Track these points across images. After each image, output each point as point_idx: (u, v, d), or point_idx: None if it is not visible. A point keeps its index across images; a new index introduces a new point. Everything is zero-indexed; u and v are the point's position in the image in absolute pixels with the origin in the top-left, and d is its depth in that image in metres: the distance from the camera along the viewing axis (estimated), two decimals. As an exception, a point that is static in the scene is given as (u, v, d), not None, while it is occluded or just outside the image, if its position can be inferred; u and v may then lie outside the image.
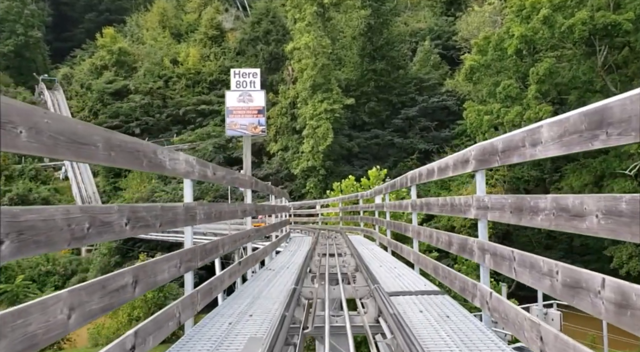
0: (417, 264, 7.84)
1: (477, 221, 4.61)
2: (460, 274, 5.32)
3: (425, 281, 7.12)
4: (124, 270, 3.11)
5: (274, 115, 54.03)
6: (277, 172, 52.38)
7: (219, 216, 5.71)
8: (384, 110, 53.37)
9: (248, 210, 7.66)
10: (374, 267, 8.16)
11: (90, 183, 59.55)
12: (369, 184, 28.41)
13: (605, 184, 35.82)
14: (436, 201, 6.26)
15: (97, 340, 31.64)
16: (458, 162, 5.07)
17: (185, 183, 4.61)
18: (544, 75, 32.63)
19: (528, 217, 3.38)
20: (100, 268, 45.10)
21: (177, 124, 63.01)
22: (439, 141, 50.47)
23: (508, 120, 34.67)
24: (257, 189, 8.91)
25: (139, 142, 3.38)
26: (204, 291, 4.84)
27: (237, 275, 6.61)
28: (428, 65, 57.04)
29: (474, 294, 4.70)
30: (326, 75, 47.24)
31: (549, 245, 40.00)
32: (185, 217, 4.32)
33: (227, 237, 6.28)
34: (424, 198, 7.17)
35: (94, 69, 69.75)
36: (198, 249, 4.69)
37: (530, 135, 3.32)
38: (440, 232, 6.24)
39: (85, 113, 65.69)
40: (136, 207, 3.25)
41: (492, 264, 4.19)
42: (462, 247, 5.07)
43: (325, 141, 46.18)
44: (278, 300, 5.68)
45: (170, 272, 3.88)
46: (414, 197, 7.81)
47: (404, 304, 5.42)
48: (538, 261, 3.22)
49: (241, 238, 7.20)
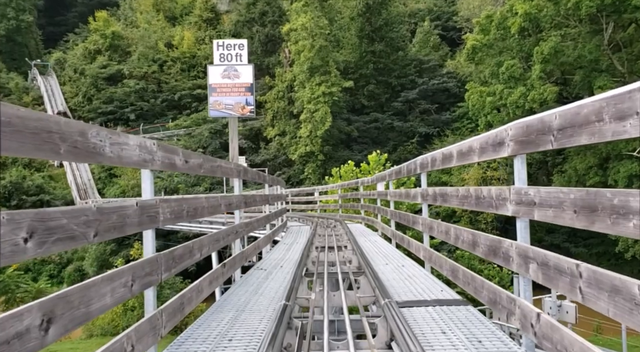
0: (428, 262, 6.81)
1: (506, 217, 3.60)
2: (489, 283, 4.30)
3: (441, 285, 6.09)
4: (25, 307, 2.12)
5: (271, 99, 53.04)
6: (274, 158, 51.47)
7: (194, 213, 4.66)
8: (384, 93, 52.34)
9: (235, 203, 6.58)
10: (380, 267, 7.17)
11: (86, 170, 58.53)
12: (369, 169, 27.52)
13: (611, 166, 34.93)
14: (455, 192, 5.21)
15: (91, 331, 31.05)
16: (488, 144, 4.06)
17: (143, 175, 3.61)
18: (549, 55, 31.50)
19: (608, 220, 2.38)
20: (95, 257, 44.55)
21: (173, 109, 62.02)
22: (439, 124, 49.47)
23: (511, 102, 33.66)
24: (247, 178, 7.84)
25: (54, 119, 2.37)
26: (171, 309, 3.85)
27: (220, 280, 5.62)
28: (428, 46, 55.96)
29: (510, 311, 3.72)
30: (324, 57, 46.05)
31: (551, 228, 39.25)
32: (141, 219, 3.32)
33: (206, 237, 5.27)
34: (439, 188, 6.10)
35: (87, 53, 68.67)
36: (162, 257, 3.69)
37: (613, 105, 2.31)
38: (461, 229, 5.15)
39: (79, 99, 64.78)
40: (46, 213, 2.25)
41: (540, 277, 3.19)
42: (494, 250, 4.07)
43: (323, 125, 45.18)
44: (266, 315, 4.69)
45: (115, 295, 2.89)
46: (424, 186, 6.79)
47: (421, 320, 4.44)
48: (630, 287, 2.22)
49: (227, 235, 6.18)
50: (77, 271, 46.57)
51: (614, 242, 34.53)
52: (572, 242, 39.79)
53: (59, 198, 53.82)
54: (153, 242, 3.61)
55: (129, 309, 30.14)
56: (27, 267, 47.29)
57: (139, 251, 31.24)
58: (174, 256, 3.97)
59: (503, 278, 28.17)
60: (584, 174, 36.59)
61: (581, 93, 33.96)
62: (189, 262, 4.43)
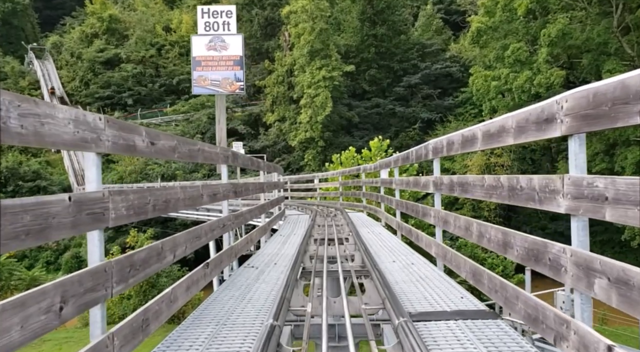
0: (441, 260, 5.94)
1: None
2: (526, 294, 3.39)
3: (460, 290, 5.15)
4: None
5: (270, 84, 52.09)
6: (274, 144, 50.62)
7: (165, 206, 3.78)
8: (385, 78, 51.34)
9: (221, 192, 5.67)
10: (386, 264, 6.31)
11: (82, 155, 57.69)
12: (370, 155, 26.71)
13: (618, 152, 34.15)
14: (479, 181, 4.26)
15: (86, 319, 30.22)
16: (529, 122, 3.19)
17: (86, 160, 2.79)
18: (556, 37, 30.53)
19: None
20: (92, 244, 43.74)
21: (171, 93, 61.18)
22: (442, 110, 48.54)
23: (517, 86, 32.76)
24: (237, 164, 6.93)
25: None
26: (128, 330, 3.02)
27: (202, 283, 4.79)
28: (430, 30, 54.90)
29: (560, 335, 2.88)
30: (324, 40, 45.01)
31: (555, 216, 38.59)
32: (77, 218, 2.48)
33: (183, 234, 4.40)
34: (456, 176, 5.16)
35: (84, 37, 67.71)
36: (114, 266, 2.86)
37: None
38: (487, 225, 4.17)
39: (76, 83, 63.94)
40: None
41: (614, 299, 2.34)
42: (535, 255, 3.22)
43: (323, 111, 44.25)
44: (252, 331, 3.83)
45: (30, 327, 2.06)
46: (437, 174, 5.94)
47: (442, 341, 3.56)
48: None
49: (210, 230, 5.34)
50: (74, 258, 45.96)
51: (619, 230, 34.02)
52: (572, 230, 39.14)
53: (56, 184, 53.12)
54: (101, 247, 2.79)
55: (125, 297, 29.43)
56: (23, 254, 46.68)
57: (135, 238, 30.44)
58: (133, 261, 3.13)
59: (507, 267, 27.42)
60: (589, 160, 35.65)
61: (588, 77, 33.02)
62: (157, 267, 3.60)
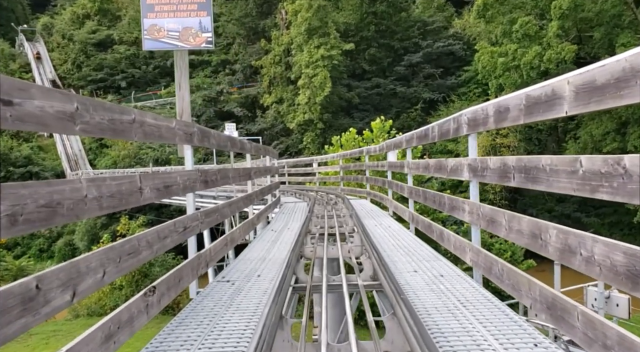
0: (480, 271, 4.53)
1: None
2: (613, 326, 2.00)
3: (533, 332, 3.38)
4: None
5: (267, 64, 50.47)
6: (272, 126, 49.19)
7: (69, 213, 2.40)
8: (386, 57, 49.69)
9: (181, 184, 4.14)
10: (405, 276, 4.84)
11: (76, 140, 56.47)
12: (372, 137, 25.21)
13: (630, 131, 32.84)
14: (566, 164, 2.68)
15: (77, 311, 29.46)
16: (593, 87, 1.80)
17: None
18: (568, 9, 28.90)
19: None
20: (86, 231, 43.16)
21: (165, 76, 59.70)
22: (444, 90, 46.96)
23: (526, 62, 31.28)
24: (208, 145, 5.32)
25: None
26: None
27: (141, 320, 3.37)
28: (432, 7, 53.18)
29: None
30: (322, 17, 43.32)
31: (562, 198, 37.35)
32: None
33: (149, 231, 3.26)
34: (515, 157, 3.41)
35: (76, 18, 66.23)
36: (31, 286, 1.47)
37: None
38: (584, 235, 2.76)
39: (68, 66, 62.54)
40: None
41: None
42: None
43: (322, 91, 42.71)
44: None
45: None
46: (473, 155, 4.52)
47: None
48: None
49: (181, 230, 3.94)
50: (67, 246, 45.02)
51: (628, 212, 33.10)
52: (583, 212, 38.10)
53: (49, 170, 51.89)
54: None
55: (117, 288, 28.39)
56: (15, 242, 45.60)
57: (126, 226, 29.25)
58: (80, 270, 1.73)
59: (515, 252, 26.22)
60: (600, 140, 34.52)
61: (600, 53, 31.49)
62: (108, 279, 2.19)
